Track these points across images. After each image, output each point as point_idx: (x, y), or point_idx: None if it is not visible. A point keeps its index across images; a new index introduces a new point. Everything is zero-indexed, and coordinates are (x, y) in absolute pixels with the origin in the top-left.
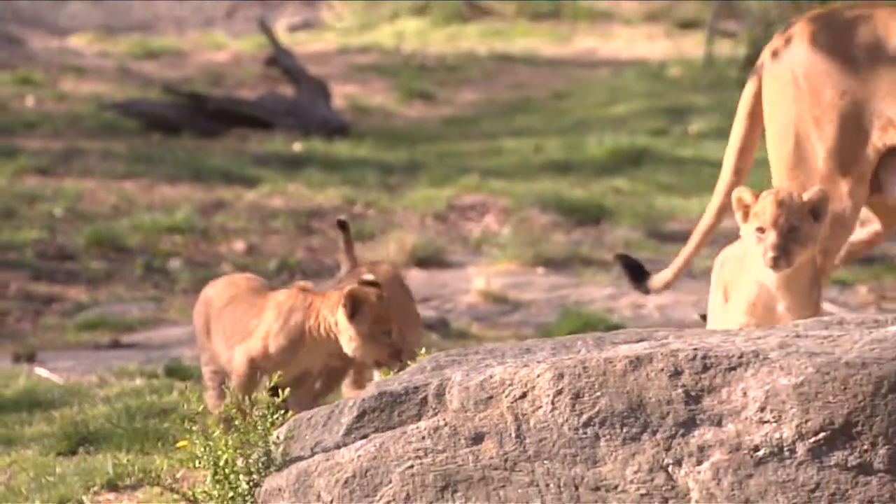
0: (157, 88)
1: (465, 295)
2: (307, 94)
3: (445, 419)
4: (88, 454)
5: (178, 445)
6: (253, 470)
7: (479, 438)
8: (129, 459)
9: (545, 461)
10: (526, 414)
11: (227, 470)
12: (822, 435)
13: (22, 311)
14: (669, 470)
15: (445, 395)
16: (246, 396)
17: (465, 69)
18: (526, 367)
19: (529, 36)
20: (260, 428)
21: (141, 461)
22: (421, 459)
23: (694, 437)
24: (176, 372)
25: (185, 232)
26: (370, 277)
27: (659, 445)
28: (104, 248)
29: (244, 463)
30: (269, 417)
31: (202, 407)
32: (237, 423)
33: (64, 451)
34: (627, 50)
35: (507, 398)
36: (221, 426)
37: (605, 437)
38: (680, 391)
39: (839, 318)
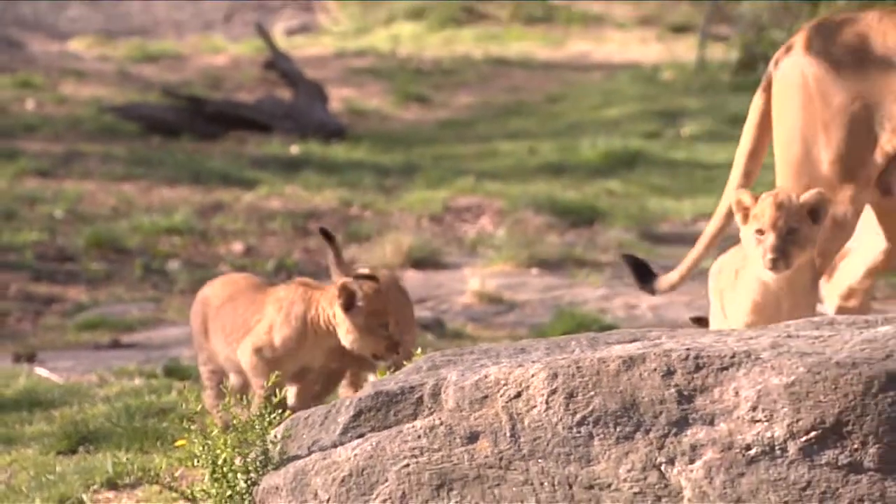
0: (156, 92)
1: (460, 295)
2: (304, 97)
3: (441, 418)
4: (88, 453)
5: (176, 444)
6: (251, 469)
7: (474, 437)
8: (128, 458)
9: (539, 460)
10: (520, 413)
11: (225, 469)
12: (813, 434)
13: (22, 311)
14: (662, 469)
15: (441, 394)
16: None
17: (460, 73)
18: (520, 366)
19: (524, 40)
20: (258, 427)
21: (140, 460)
22: (417, 458)
23: (686, 436)
24: (175, 372)
25: (183, 233)
26: (367, 271)
27: (652, 444)
28: (104, 249)
29: (242, 462)
30: (266, 417)
31: (200, 406)
32: (235, 422)
33: (64, 450)
34: (620, 53)
35: (501, 398)
36: (220, 426)
37: (598, 436)
38: (673, 391)
39: (830, 318)
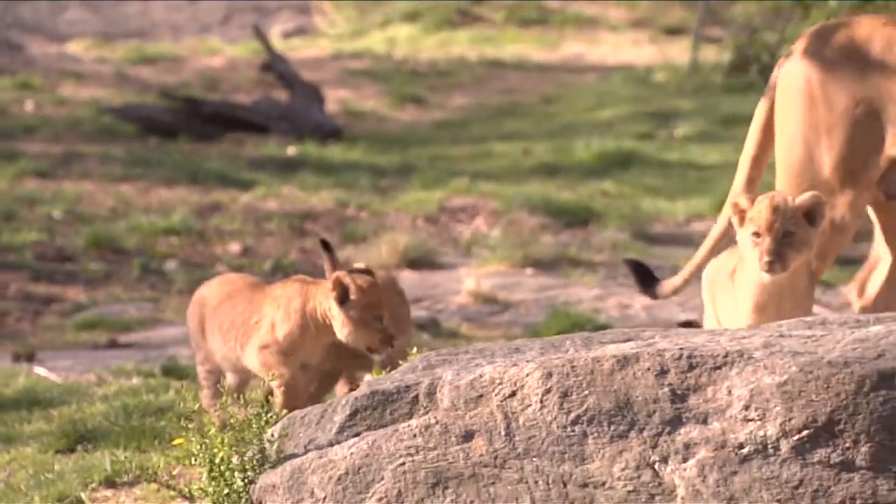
0: (154, 93)
1: (455, 295)
2: (301, 98)
3: (436, 417)
4: (87, 452)
5: (174, 443)
6: (248, 467)
7: (469, 436)
8: (126, 457)
9: (534, 458)
10: (515, 412)
11: (222, 467)
12: (805, 433)
13: (21, 311)
14: (656, 467)
15: (436, 393)
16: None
17: (455, 74)
18: (515, 366)
19: (518, 42)
20: (254, 426)
21: (138, 458)
22: (412, 457)
23: (680, 434)
24: (172, 371)
25: (181, 234)
26: (362, 265)
27: (646, 443)
28: (102, 249)
29: (239, 460)
30: (263, 415)
31: (198, 405)
32: (232, 420)
33: (62, 448)
34: (614, 55)
35: (496, 397)
36: (218, 425)
37: (592, 434)
38: (666, 390)
39: (822, 318)
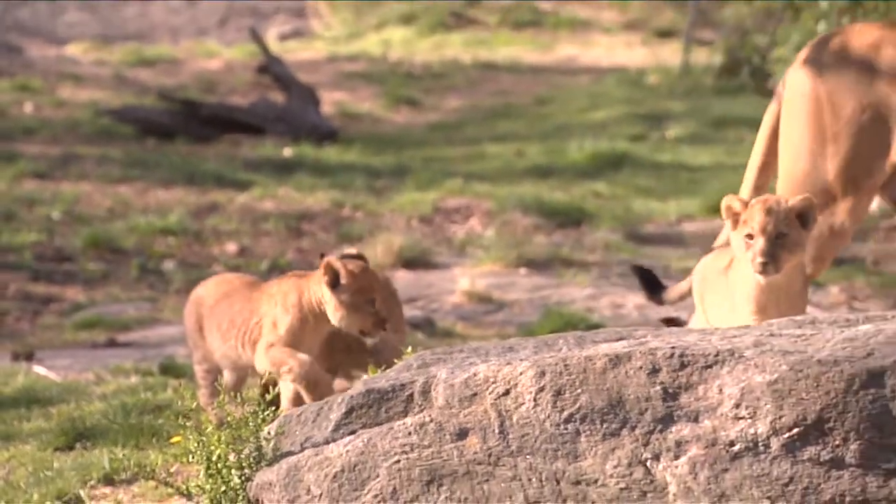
0: (151, 95)
1: (450, 295)
2: (297, 100)
3: (431, 415)
4: (85, 449)
5: (172, 441)
6: (244, 465)
7: (463, 434)
8: (124, 454)
9: (527, 456)
10: (509, 410)
11: (219, 465)
12: (795, 430)
13: (21, 310)
14: (648, 464)
15: (431, 392)
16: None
17: (449, 76)
18: (509, 364)
19: (512, 44)
20: (251, 424)
21: (136, 456)
22: (407, 454)
23: (671, 432)
24: (170, 370)
25: (178, 234)
26: (354, 251)
27: (638, 441)
28: (101, 249)
29: (236, 458)
30: (260, 414)
31: (195, 404)
32: (229, 419)
33: (61, 446)
34: (607, 58)
35: (490, 395)
36: (215, 423)
37: (585, 432)
38: (658, 388)
39: (812, 317)
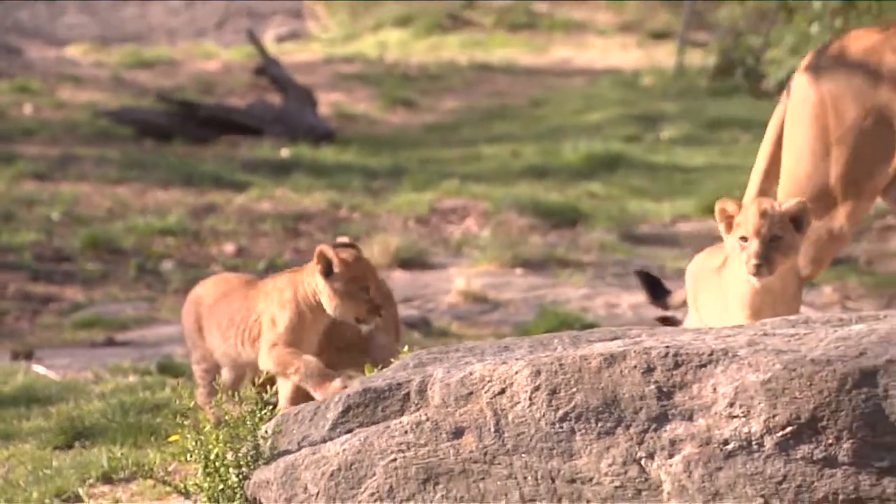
0: (150, 97)
1: (446, 295)
2: (294, 102)
3: (427, 414)
4: (84, 448)
5: (170, 440)
6: (242, 463)
7: (459, 433)
8: (123, 453)
9: (523, 454)
10: (504, 409)
11: (217, 463)
12: (788, 429)
13: (20, 310)
14: (642, 463)
15: (427, 391)
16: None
17: (446, 78)
18: (504, 364)
19: (508, 46)
20: (249, 423)
21: (134, 455)
22: (404, 453)
23: (666, 431)
24: (168, 369)
25: (176, 234)
26: (345, 239)
27: (632, 439)
28: (99, 250)
29: (234, 456)
30: (257, 413)
31: (193, 403)
32: (227, 418)
33: (60, 445)
34: (602, 59)
35: (486, 394)
36: (213, 422)
37: (580, 431)
38: (652, 387)
39: (805, 317)
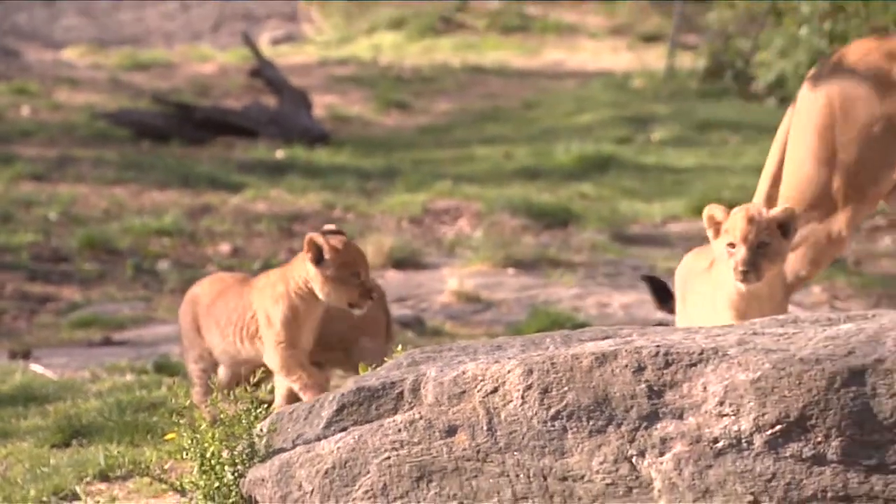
0: (146, 99)
1: (439, 295)
2: (289, 104)
3: (420, 413)
4: (81, 446)
5: (166, 438)
6: (237, 461)
7: (452, 431)
8: (119, 451)
9: (515, 453)
10: (497, 408)
11: (213, 461)
12: (778, 427)
13: (18, 310)
14: (633, 461)
15: (420, 389)
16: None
17: (439, 80)
18: (497, 363)
19: (500, 49)
20: (244, 421)
21: (131, 453)
22: (397, 451)
23: (657, 429)
24: (164, 368)
25: (173, 235)
26: (333, 227)
27: (623, 438)
28: (96, 250)
29: (229, 454)
30: (252, 411)
31: (189, 401)
32: (222, 416)
33: (58, 443)
34: (593, 62)
35: (479, 393)
36: (208, 420)
37: (572, 429)
38: (643, 386)
39: (794, 316)
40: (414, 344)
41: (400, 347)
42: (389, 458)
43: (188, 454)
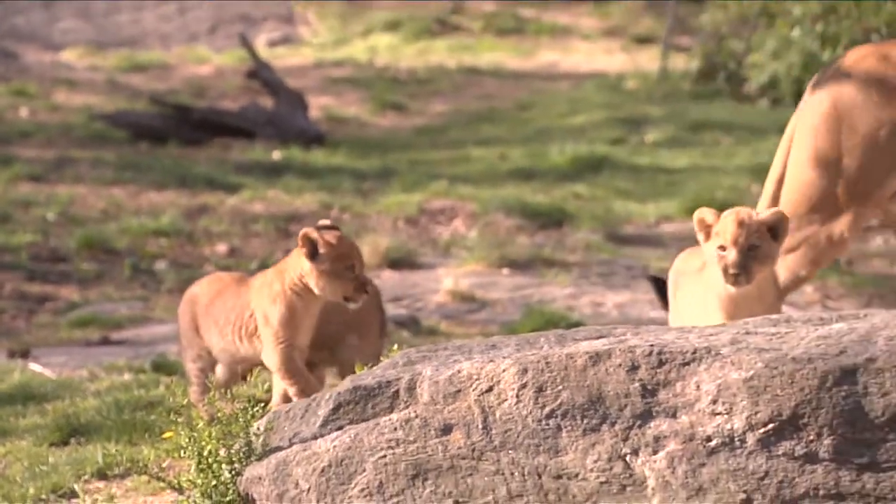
0: (144, 100)
1: (434, 294)
2: (286, 105)
3: (416, 411)
4: (79, 445)
5: (164, 436)
6: (235, 459)
7: (447, 430)
8: (117, 450)
9: (510, 451)
10: (492, 406)
11: (210, 459)
12: (770, 426)
13: (17, 309)
14: (627, 459)
15: (416, 388)
16: (301, 376)
17: (434, 82)
18: (492, 362)
19: (495, 50)
20: (241, 420)
21: (129, 451)
22: (393, 450)
23: (650, 428)
24: (162, 367)
25: (170, 235)
26: (327, 222)
27: (617, 436)
28: (94, 250)
29: (226, 453)
30: (249, 410)
31: (187, 400)
32: (220, 415)
33: (56, 441)
34: (587, 63)
35: (474, 392)
36: (206, 419)
37: (566, 428)
38: (637, 385)
39: (787, 316)
40: (409, 343)
41: (395, 347)
42: (385, 456)
43: (186, 452)
